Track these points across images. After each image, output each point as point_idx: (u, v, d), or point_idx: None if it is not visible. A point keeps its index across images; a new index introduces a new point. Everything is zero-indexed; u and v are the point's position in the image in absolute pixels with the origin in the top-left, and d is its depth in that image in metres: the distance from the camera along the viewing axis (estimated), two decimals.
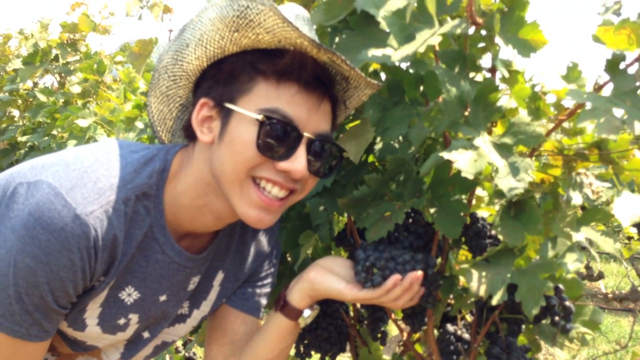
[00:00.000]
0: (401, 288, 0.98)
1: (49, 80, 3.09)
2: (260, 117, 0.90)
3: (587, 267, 4.83)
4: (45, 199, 0.87)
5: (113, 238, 0.92)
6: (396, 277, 0.97)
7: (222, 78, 0.97)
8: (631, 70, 0.79)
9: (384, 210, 1.03)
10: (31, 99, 3.66)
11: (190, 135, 1.02)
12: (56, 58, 2.95)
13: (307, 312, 1.10)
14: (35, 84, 3.59)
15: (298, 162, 0.92)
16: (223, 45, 0.97)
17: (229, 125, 0.93)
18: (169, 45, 1.01)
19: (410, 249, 1.05)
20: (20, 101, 3.75)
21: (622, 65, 0.79)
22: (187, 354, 2.29)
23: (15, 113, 3.85)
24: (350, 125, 1.18)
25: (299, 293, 1.08)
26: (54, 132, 2.67)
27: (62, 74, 3.06)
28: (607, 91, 0.83)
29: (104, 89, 2.76)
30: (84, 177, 0.91)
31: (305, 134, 0.93)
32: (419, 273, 0.97)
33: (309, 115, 0.93)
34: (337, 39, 1.17)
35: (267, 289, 1.24)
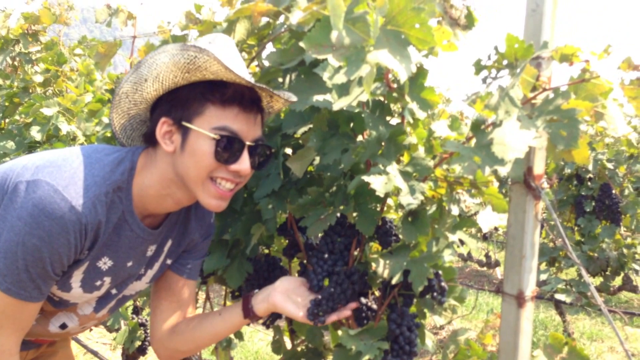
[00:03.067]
0: (336, 319, 1.36)
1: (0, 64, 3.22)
2: (215, 135, 1.22)
3: (487, 256, 5.41)
4: (46, 194, 1.18)
5: (98, 222, 1.24)
6: (332, 317, 1.35)
7: (177, 103, 1.27)
8: (488, 131, 1.18)
9: (320, 213, 1.40)
10: None
11: (149, 141, 1.33)
12: (15, 46, 3.11)
13: None
14: None
15: (244, 163, 1.27)
16: (176, 82, 1.26)
17: (189, 140, 1.25)
18: (127, 77, 1.29)
19: (345, 251, 1.41)
20: None
21: (482, 127, 1.19)
22: (140, 320, 2.59)
23: None
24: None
25: (264, 310, 1.41)
26: (16, 117, 2.86)
27: (19, 60, 3.21)
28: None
29: (63, 79, 2.97)
30: (74, 177, 1.22)
31: (247, 143, 1.27)
32: (352, 307, 1.36)
33: (248, 128, 1.27)
34: (287, 78, 1.53)
35: (200, 261, 1.58)
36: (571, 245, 3.95)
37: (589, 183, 4.06)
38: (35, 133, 2.64)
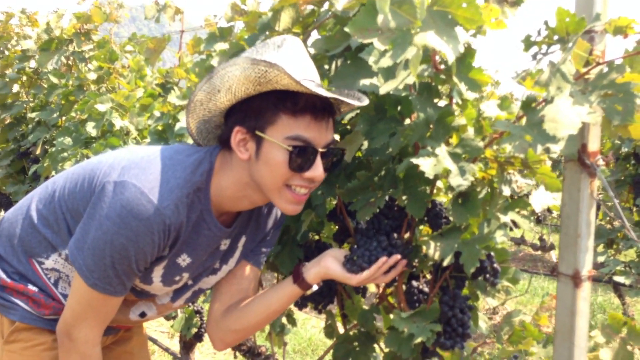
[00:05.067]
0: (376, 269, 1.33)
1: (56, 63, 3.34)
2: (289, 147, 1.24)
3: (541, 239, 5.30)
4: (133, 196, 1.23)
5: (180, 223, 1.29)
6: (376, 265, 1.33)
7: (251, 113, 1.29)
8: (539, 109, 1.16)
9: (369, 197, 1.40)
10: (36, 77, 3.92)
11: (225, 145, 1.35)
12: (69, 45, 3.22)
13: (315, 287, 1.46)
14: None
15: (318, 170, 1.28)
16: (248, 92, 1.28)
17: (263, 149, 1.27)
18: (200, 85, 1.31)
19: (391, 231, 1.41)
20: (25, 78, 4.00)
21: (533, 104, 1.17)
22: (195, 308, 2.67)
23: (14, 88, 4.06)
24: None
25: (315, 274, 1.42)
26: (72, 113, 2.97)
27: (73, 59, 3.33)
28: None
29: (115, 76, 3.06)
30: (158, 179, 1.26)
31: (320, 150, 1.28)
32: (384, 258, 1.33)
33: (320, 135, 1.28)
34: (333, 65, 1.54)
35: (269, 249, 1.59)
36: (630, 226, 3.82)
37: None
38: (91, 129, 2.73)
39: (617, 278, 3.57)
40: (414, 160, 1.22)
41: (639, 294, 5.41)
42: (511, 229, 1.40)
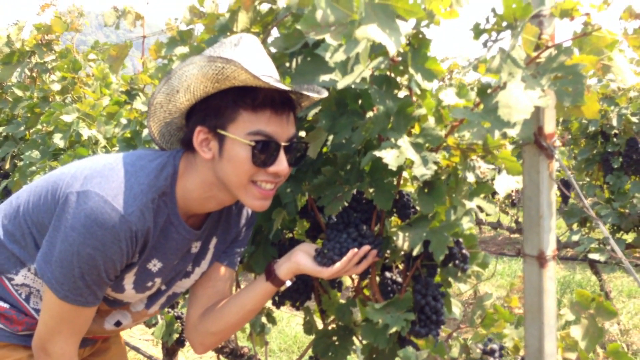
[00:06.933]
0: (347, 261, 1.34)
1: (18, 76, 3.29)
2: (251, 142, 1.24)
3: (517, 222, 5.37)
4: (97, 205, 1.22)
5: (147, 228, 1.28)
6: (347, 256, 1.34)
7: (211, 111, 1.29)
8: (494, 95, 1.17)
9: (337, 192, 1.41)
10: (0, 91, 3.85)
11: (187, 147, 1.35)
12: (31, 57, 3.17)
13: (288, 283, 1.47)
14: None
15: (282, 165, 1.29)
16: (207, 91, 1.28)
17: (226, 147, 1.27)
18: (159, 87, 1.31)
19: (361, 224, 1.42)
20: None
21: (489, 91, 1.18)
22: (176, 313, 2.66)
23: None
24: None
25: (286, 270, 1.43)
26: (39, 126, 2.93)
27: (36, 71, 3.28)
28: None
29: (80, 85, 3.03)
30: (122, 187, 1.25)
31: (282, 143, 1.29)
32: (354, 250, 1.34)
33: (281, 129, 1.28)
34: (294, 62, 1.54)
35: (242, 249, 1.59)
36: (602, 203, 3.89)
37: (615, 139, 3.98)
38: (58, 140, 2.70)
39: (592, 255, 3.64)
40: (377, 153, 1.23)
41: (614, 270, 5.52)
42: (488, 215, 1.42)
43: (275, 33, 1.62)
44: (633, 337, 4.38)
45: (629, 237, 4.07)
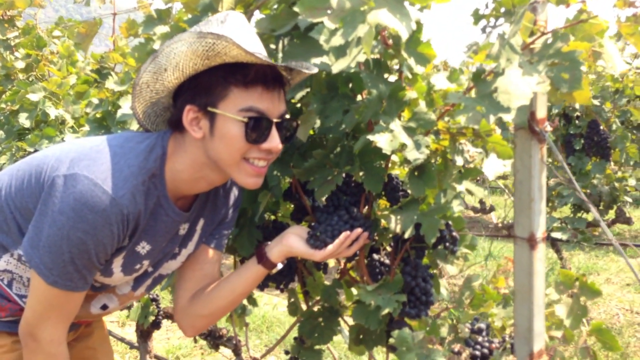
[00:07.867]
0: (339, 244, 1.35)
1: None
2: (244, 119, 1.23)
3: (481, 202, 5.49)
4: (87, 188, 1.19)
5: (138, 211, 1.26)
6: (339, 239, 1.35)
7: (200, 89, 1.26)
8: (490, 80, 1.19)
9: (327, 175, 1.41)
10: None
11: (175, 127, 1.32)
12: None
13: (279, 266, 1.46)
14: None
15: (275, 141, 1.27)
16: (196, 68, 1.25)
17: (217, 125, 1.25)
18: (145, 66, 1.27)
19: (351, 207, 1.43)
20: None
21: (482, 76, 1.20)
22: (151, 296, 2.63)
23: None
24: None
25: (278, 252, 1.42)
26: (2, 105, 2.82)
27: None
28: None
29: (45, 63, 2.92)
30: (111, 169, 1.22)
31: (275, 120, 1.28)
32: (347, 232, 1.35)
33: (273, 105, 1.27)
34: (280, 44, 1.52)
35: (229, 231, 1.58)
36: (564, 184, 4.01)
37: (577, 121, 4.09)
38: (24, 120, 2.61)
39: (554, 234, 3.75)
40: (370, 137, 1.24)
41: (575, 248, 5.72)
42: (473, 196, 1.44)
43: (258, 15, 1.60)
44: (592, 312, 4.56)
45: (589, 216, 4.21)
